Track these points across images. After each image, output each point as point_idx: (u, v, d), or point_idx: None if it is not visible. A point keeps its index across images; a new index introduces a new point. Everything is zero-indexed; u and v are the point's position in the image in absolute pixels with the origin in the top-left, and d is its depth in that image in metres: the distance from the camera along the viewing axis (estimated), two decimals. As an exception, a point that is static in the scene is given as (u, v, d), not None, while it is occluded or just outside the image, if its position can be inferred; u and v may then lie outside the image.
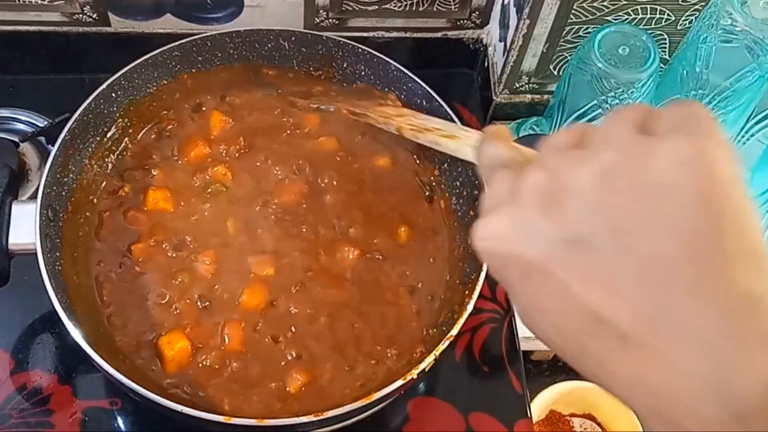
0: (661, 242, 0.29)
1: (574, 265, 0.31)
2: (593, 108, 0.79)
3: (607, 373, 0.32)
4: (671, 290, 0.29)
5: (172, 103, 0.80)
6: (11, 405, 0.72)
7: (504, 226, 0.34)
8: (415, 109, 0.78)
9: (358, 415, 0.64)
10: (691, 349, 0.29)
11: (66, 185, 0.71)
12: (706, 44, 0.74)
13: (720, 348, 0.28)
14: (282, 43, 0.80)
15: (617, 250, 0.30)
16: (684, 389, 0.29)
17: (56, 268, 0.66)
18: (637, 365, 0.30)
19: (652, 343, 0.30)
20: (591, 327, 0.31)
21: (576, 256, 0.31)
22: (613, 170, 0.31)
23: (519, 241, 0.33)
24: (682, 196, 0.29)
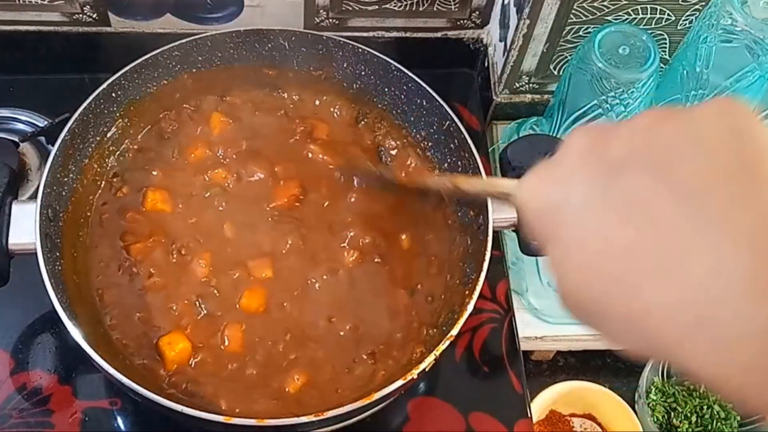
0: (701, 171, 0.31)
1: (615, 198, 0.33)
2: (593, 108, 0.79)
3: (641, 304, 0.31)
4: (713, 210, 0.30)
5: (173, 103, 0.80)
6: (11, 405, 0.72)
7: (546, 178, 0.37)
8: (415, 109, 0.78)
9: (359, 415, 0.64)
10: (737, 257, 0.29)
11: (66, 185, 0.71)
12: (707, 44, 0.74)
13: (759, 245, 0.29)
14: (282, 43, 0.79)
15: (658, 181, 0.32)
16: (726, 288, 0.29)
17: (56, 268, 0.66)
18: (676, 283, 0.30)
19: (695, 260, 0.30)
20: (632, 259, 0.32)
21: (616, 188, 0.33)
22: (658, 121, 0.33)
23: (562, 189, 0.35)
24: (721, 136, 0.32)
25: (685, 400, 0.77)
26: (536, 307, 0.85)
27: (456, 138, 0.74)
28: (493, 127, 0.95)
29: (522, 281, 0.86)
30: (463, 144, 0.73)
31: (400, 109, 0.80)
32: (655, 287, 0.31)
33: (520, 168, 0.71)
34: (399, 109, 0.80)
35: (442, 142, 0.76)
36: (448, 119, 0.75)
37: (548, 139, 0.76)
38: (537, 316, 0.86)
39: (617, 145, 0.34)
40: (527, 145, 0.73)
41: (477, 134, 0.91)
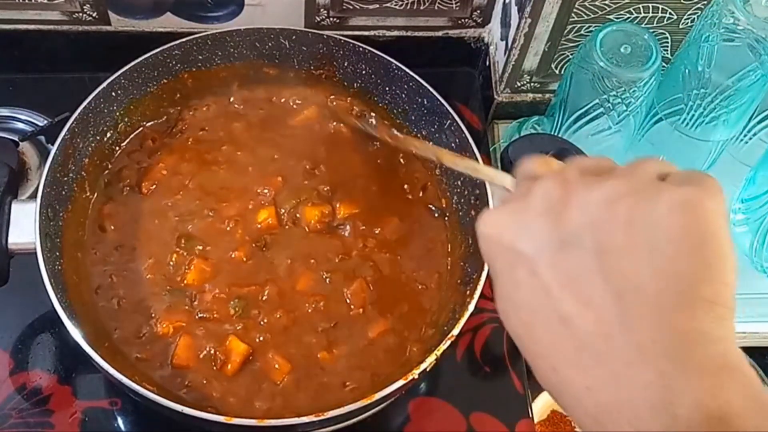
0: (643, 271, 0.32)
1: (559, 267, 0.34)
2: (595, 107, 0.79)
3: (561, 377, 0.34)
4: (637, 314, 0.32)
5: (173, 103, 0.79)
6: (11, 405, 0.72)
7: (508, 218, 0.37)
8: (416, 108, 0.78)
9: (359, 415, 0.64)
10: (641, 368, 0.31)
11: (66, 184, 0.71)
12: (708, 43, 0.74)
13: (667, 372, 0.31)
14: (282, 42, 0.79)
15: (601, 267, 0.33)
16: (628, 404, 0.31)
17: (56, 268, 0.66)
18: (589, 374, 0.33)
19: (608, 355, 0.32)
20: (557, 327, 0.34)
21: (562, 258, 0.34)
22: (621, 199, 0.34)
23: (517, 234, 0.36)
24: (677, 238, 0.32)
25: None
26: (537, 306, 0.85)
27: (457, 137, 0.74)
28: (495, 127, 0.95)
29: (523, 281, 0.85)
30: (465, 143, 0.73)
31: (401, 108, 0.80)
32: (570, 369, 0.33)
33: (521, 167, 0.71)
34: (400, 108, 0.80)
35: (443, 141, 0.76)
36: (449, 118, 0.74)
37: (549, 138, 0.76)
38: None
39: (578, 213, 0.35)
40: (528, 144, 0.73)
41: (478, 133, 0.91)
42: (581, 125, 0.82)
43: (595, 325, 0.33)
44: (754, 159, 0.86)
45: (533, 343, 0.35)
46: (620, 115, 0.79)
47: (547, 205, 0.36)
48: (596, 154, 0.72)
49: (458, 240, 0.75)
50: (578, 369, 0.33)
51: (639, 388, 0.31)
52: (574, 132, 0.82)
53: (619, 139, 0.83)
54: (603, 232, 0.33)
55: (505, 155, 0.73)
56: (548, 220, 0.35)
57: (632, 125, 0.82)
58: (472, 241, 0.71)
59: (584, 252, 0.33)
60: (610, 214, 0.33)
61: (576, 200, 0.35)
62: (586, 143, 0.78)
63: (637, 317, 0.32)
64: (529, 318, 0.35)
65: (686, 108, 0.79)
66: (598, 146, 0.81)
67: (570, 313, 0.33)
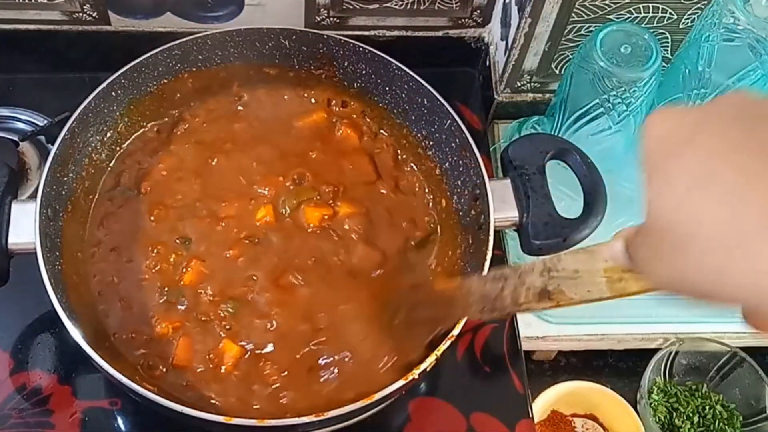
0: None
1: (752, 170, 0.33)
2: (595, 107, 0.79)
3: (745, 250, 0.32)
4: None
5: (173, 102, 0.79)
6: (11, 405, 0.72)
7: (698, 117, 0.36)
8: (416, 108, 0.78)
9: (359, 415, 0.64)
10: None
11: (66, 184, 0.71)
12: (709, 43, 0.74)
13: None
14: (283, 41, 0.79)
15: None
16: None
17: (56, 268, 0.66)
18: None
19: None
20: (728, 198, 0.33)
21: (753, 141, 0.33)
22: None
23: (709, 132, 0.35)
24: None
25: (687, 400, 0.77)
26: (538, 306, 0.85)
27: (457, 137, 0.74)
28: (495, 126, 0.95)
29: (523, 281, 0.85)
30: (465, 143, 0.73)
31: (401, 108, 0.80)
32: (757, 242, 0.32)
33: (521, 167, 0.71)
34: (400, 108, 0.80)
35: (443, 141, 0.76)
36: (449, 118, 0.74)
37: (550, 138, 0.76)
38: (538, 315, 0.86)
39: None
40: (529, 144, 0.73)
41: (478, 133, 0.91)
42: (581, 125, 0.82)
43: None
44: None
45: (690, 219, 0.34)
46: (620, 115, 0.79)
47: (739, 111, 0.35)
48: (596, 154, 0.72)
49: (458, 240, 0.75)
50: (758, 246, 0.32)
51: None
52: (574, 132, 0.82)
53: (619, 139, 0.83)
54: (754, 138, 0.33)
55: (505, 155, 0.73)
56: (742, 128, 0.34)
57: (632, 125, 0.82)
58: (472, 241, 0.71)
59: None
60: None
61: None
62: (587, 143, 0.78)
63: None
64: (695, 192, 0.34)
65: (686, 108, 0.79)
66: (599, 146, 0.81)
67: (743, 188, 0.32)
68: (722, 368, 0.77)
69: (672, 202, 0.36)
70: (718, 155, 0.34)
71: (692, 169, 0.35)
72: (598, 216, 0.68)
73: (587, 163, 0.70)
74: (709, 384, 0.79)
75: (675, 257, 0.36)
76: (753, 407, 0.76)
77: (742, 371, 0.76)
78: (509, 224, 0.70)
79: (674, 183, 0.36)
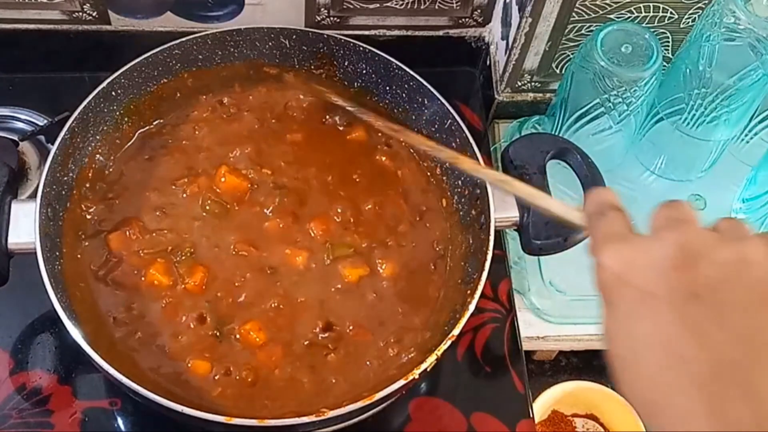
0: (747, 325, 0.37)
1: (687, 314, 0.38)
2: (596, 106, 0.79)
3: (662, 399, 0.38)
4: (737, 362, 0.36)
5: (173, 102, 0.79)
6: (11, 405, 0.72)
7: (644, 256, 0.40)
8: (417, 108, 0.78)
9: (360, 415, 0.64)
10: (734, 410, 0.35)
11: (66, 184, 0.71)
12: (710, 42, 0.74)
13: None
14: (283, 41, 0.79)
15: (720, 318, 0.37)
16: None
17: (56, 267, 0.66)
18: (694, 401, 0.36)
19: (710, 393, 0.36)
20: (672, 363, 0.37)
21: (693, 308, 0.38)
22: (751, 262, 0.38)
23: (653, 274, 0.39)
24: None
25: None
26: (538, 306, 0.85)
27: (458, 137, 0.74)
28: (495, 126, 0.95)
29: (524, 281, 0.85)
30: (465, 143, 0.73)
31: (401, 107, 0.80)
32: (677, 396, 0.37)
33: (522, 167, 0.71)
34: (400, 107, 0.80)
35: (444, 140, 0.76)
36: (450, 118, 0.74)
37: (550, 137, 0.76)
38: (539, 315, 0.85)
39: (712, 269, 0.39)
40: (529, 143, 0.73)
41: (479, 133, 0.91)
42: (582, 125, 0.81)
43: (709, 366, 0.36)
44: (755, 158, 0.86)
45: (637, 369, 0.39)
46: (621, 115, 0.79)
47: (682, 254, 0.39)
48: (597, 154, 0.72)
49: (459, 240, 0.75)
50: (684, 396, 0.36)
51: (733, 423, 0.35)
52: (575, 131, 0.82)
53: (620, 139, 0.83)
54: (729, 291, 0.38)
55: (505, 155, 0.72)
56: (682, 270, 0.39)
57: (633, 125, 0.82)
58: (473, 241, 0.71)
59: (712, 304, 0.37)
60: (738, 277, 0.38)
61: (708, 256, 0.39)
62: (587, 143, 0.78)
63: (744, 366, 0.36)
64: (642, 348, 0.39)
65: (687, 107, 0.79)
66: (599, 146, 0.81)
67: (688, 354, 0.37)
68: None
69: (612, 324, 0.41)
70: (649, 297, 0.39)
71: (630, 300, 0.40)
72: (598, 216, 0.68)
73: (588, 163, 0.70)
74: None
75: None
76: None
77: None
78: (510, 224, 0.70)
79: (616, 308, 0.41)
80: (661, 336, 0.38)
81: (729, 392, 0.36)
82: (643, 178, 0.89)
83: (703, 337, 0.37)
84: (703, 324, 0.37)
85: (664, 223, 0.42)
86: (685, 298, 0.38)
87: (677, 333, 0.38)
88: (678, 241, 0.40)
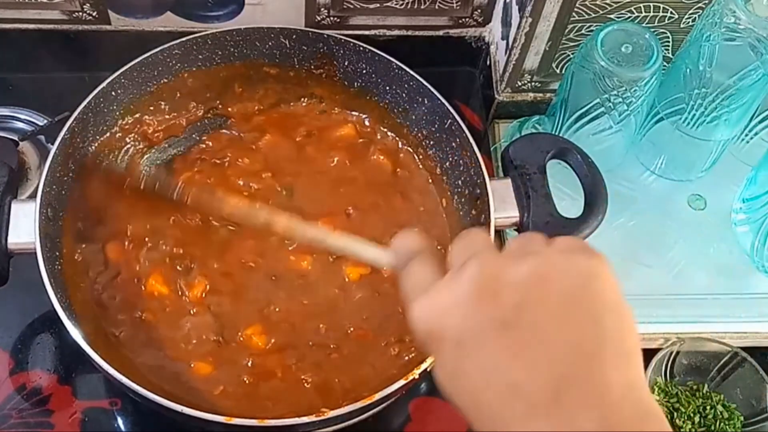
0: (566, 337, 0.37)
1: (504, 343, 0.37)
2: (596, 106, 0.79)
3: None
4: (570, 375, 0.36)
5: (173, 102, 0.79)
6: (11, 405, 0.72)
7: (446, 302, 0.40)
8: (417, 107, 0.78)
9: (360, 415, 0.64)
10: (582, 419, 0.35)
11: (66, 184, 0.71)
12: (710, 42, 0.73)
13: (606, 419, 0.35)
14: (283, 41, 0.79)
15: (537, 337, 0.37)
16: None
17: (56, 267, 0.66)
18: (540, 424, 0.35)
19: (554, 411, 0.35)
20: (507, 393, 0.37)
21: (507, 335, 0.37)
22: (547, 276, 0.38)
23: (459, 316, 0.39)
24: (584, 307, 0.37)
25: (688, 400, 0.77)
26: (538, 306, 0.85)
27: (458, 137, 0.74)
28: (495, 126, 0.94)
29: (524, 281, 0.85)
30: (465, 143, 0.73)
31: (401, 107, 0.80)
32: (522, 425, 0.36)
33: (522, 167, 0.71)
34: (400, 107, 0.80)
35: (444, 140, 0.76)
36: (450, 118, 0.74)
37: (550, 137, 0.76)
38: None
39: (511, 291, 0.38)
40: (529, 143, 0.73)
41: (479, 133, 0.91)
42: (582, 125, 0.81)
43: (544, 386, 0.36)
44: (756, 158, 0.86)
45: (481, 410, 0.38)
46: (621, 115, 0.79)
47: (479, 287, 0.38)
48: (597, 154, 0.72)
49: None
50: (532, 421, 0.36)
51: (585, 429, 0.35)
52: (575, 131, 0.82)
53: (620, 139, 0.83)
54: (536, 308, 0.37)
55: (505, 155, 0.72)
56: (485, 302, 0.38)
57: (633, 125, 0.81)
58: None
59: (522, 326, 0.37)
60: (540, 291, 0.37)
61: (505, 279, 0.38)
62: (587, 143, 0.78)
63: (569, 379, 0.36)
64: (476, 390, 0.38)
65: (687, 107, 0.79)
66: (599, 146, 0.81)
67: (519, 380, 0.36)
68: (723, 368, 0.77)
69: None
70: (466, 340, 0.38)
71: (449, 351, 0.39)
72: (598, 216, 0.68)
73: (588, 163, 0.70)
74: (710, 384, 0.78)
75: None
76: (754, 407, 0.76)
77: (743, 371, 0.76)
78: (510, 224, 0.70)
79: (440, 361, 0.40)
80: (490, 373, 0.37)
81: (573, 404, 0.35)
82: (643, 178, 0.89)
83: (528, 360, 0.36)
84: (524, 348, 0.37)
85: (461, 257, 0.41)
86: (497, 329, 0.37)
87: (503, 364, 0.37)
88: (474, 273, 0.39)
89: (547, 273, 0.38)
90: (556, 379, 0.36)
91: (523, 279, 0.38)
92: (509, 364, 0.37)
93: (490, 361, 0.37)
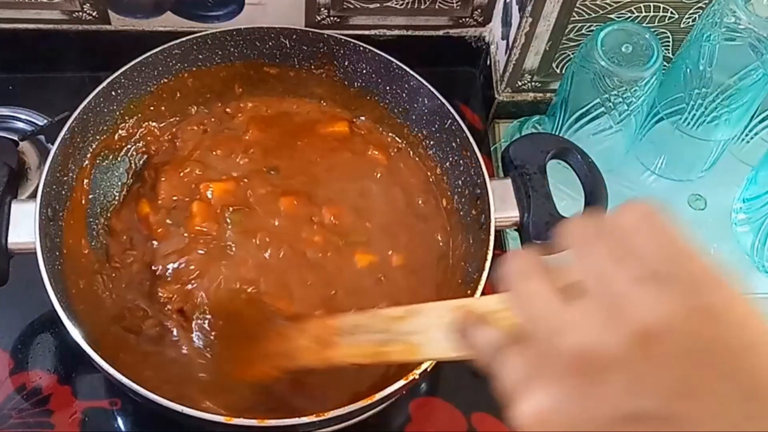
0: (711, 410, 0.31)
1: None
2: (596, 106, 0.79)
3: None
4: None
5: (173, 102, 0.79)
6: (11, 405, 0.72)
7: (553, 402, 0.34)
8: (417, 107, 0.78)
9: (360, 415, 0.64)
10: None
11: (66, 184, 0.71)
12: (710, 42, 0.73)
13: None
14: (283, 41, 0.79)
15: (671, 417, 0.31)
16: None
17: (56, 267, 0.66)
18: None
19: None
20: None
21: (635, 425, 0.32)
22: (649, 334, 0.32)
23: (575, 415, 0.34)
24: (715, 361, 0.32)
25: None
26: (538, 306, 0.85)
27: (458, 137, 0.74)
28: (495, 126, 0.94)
29: (524, 281, 0.85)
30: (465, 143, 0.73)
31: (401, 107, 0.80)
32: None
33: (522, 167, 0.71)
34: (400, 107, 0.80)
35: (444, 140, 0.76)
36: (450, 118, 0.74)
37: (550, 137, 0.76)
38: (539, 315, 0.85)
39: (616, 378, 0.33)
40: (529, 143, 0.73)
41: (479, 133, 0.91)
42: (582, 125, 0.81)
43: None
44: (756, 158, 0.86)
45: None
46: (621, 115, 0.79)
47: (577, 371, 0.34)
48: (597, 154, 0.72)
49: (459, 240, 0.75)
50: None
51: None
52: (575, 131, 0.82)
53: (620, 139, 0.83)
54: (653, 383, 0.32)
55: (505, 155, 0.72)
56: (594, 392, 0.33)
57: (633, 125, 0.81)
58: (473, 240, 0.71)
59: (651, 413, 0.32)
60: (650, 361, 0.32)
61: (604, 360, 0.33)
62: (588, 143, 0.78)
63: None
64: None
65: (687, 107, 0.79)
66: (600, 146, 0.81)
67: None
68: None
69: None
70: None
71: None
72: (599, 216, 0.68)
73: (588, 163, 0.70)
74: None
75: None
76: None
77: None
78: (510, 224, 0.70)
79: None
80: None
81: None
82: (643, 178, 0.89)
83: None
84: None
85: (502, 350, 0.38)
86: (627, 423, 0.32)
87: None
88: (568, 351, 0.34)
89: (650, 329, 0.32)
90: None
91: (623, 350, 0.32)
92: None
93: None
